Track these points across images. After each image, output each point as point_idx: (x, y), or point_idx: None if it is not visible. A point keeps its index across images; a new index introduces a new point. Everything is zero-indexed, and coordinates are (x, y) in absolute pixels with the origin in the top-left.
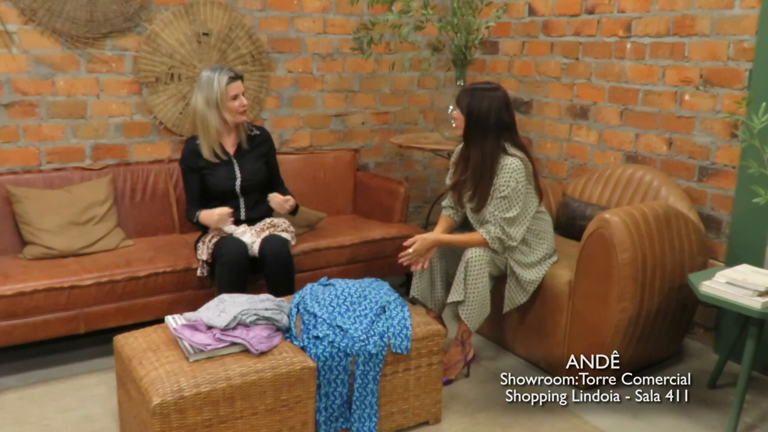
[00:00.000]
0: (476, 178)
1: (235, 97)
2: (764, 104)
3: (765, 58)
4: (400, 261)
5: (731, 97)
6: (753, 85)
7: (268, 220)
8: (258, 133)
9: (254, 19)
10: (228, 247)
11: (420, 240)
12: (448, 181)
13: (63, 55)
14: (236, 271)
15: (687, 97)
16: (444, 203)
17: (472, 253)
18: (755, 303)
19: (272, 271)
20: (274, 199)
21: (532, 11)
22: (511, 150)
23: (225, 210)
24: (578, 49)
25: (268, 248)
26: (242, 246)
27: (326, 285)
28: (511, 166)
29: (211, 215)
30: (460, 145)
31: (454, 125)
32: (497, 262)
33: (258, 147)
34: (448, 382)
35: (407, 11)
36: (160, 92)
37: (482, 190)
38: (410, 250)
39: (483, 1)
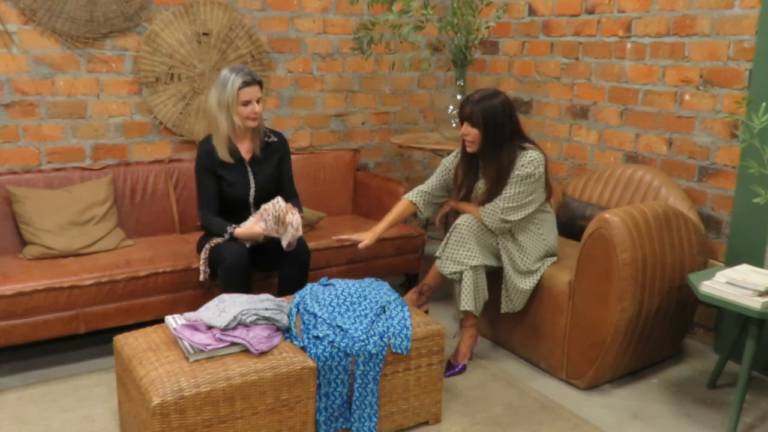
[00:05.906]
0: (493, 184)
1: (246, 103)
2: (764, 104)
3: (765, 58)
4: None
5: (731, 97)
6: (753, 85)
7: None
8: (275, 139)
9: (254, 19)
10: (227, 251)
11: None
12: (438, 176)
13: (63, 55)
14: (239, 273)
15: (687, 97)
16: (422, 188)
17: (463, 220)
18: (755, 303)
19: (293, 268)
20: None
21: (532, 11)
22: (528, 146)
23: (261, 232)
24: (578, 49)
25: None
26: (242, 249)
27: (326, 285)
28: (533, 155)
29: (251, 232)
30: (456, 152)
31: (468, 141)
32: (491, 242)
33: (273, 154)
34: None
35: (407, 11)
36: (160, 92)
37: (498, 188)
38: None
39: (483, 1)
